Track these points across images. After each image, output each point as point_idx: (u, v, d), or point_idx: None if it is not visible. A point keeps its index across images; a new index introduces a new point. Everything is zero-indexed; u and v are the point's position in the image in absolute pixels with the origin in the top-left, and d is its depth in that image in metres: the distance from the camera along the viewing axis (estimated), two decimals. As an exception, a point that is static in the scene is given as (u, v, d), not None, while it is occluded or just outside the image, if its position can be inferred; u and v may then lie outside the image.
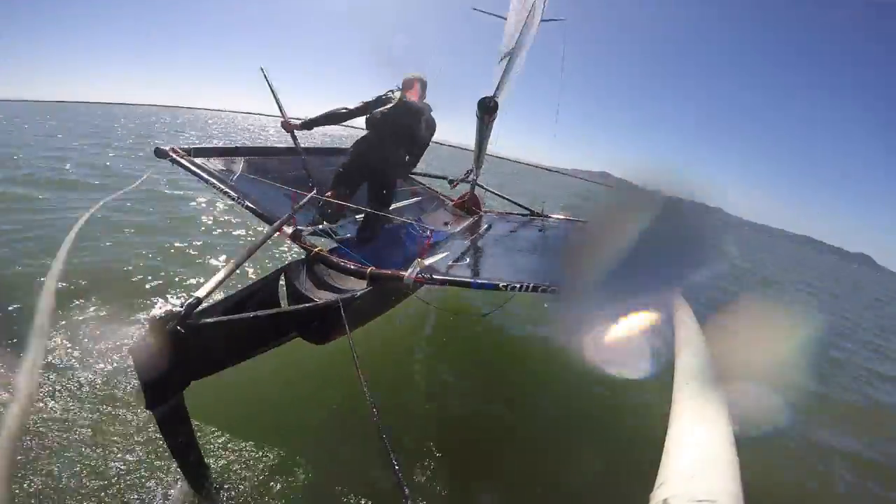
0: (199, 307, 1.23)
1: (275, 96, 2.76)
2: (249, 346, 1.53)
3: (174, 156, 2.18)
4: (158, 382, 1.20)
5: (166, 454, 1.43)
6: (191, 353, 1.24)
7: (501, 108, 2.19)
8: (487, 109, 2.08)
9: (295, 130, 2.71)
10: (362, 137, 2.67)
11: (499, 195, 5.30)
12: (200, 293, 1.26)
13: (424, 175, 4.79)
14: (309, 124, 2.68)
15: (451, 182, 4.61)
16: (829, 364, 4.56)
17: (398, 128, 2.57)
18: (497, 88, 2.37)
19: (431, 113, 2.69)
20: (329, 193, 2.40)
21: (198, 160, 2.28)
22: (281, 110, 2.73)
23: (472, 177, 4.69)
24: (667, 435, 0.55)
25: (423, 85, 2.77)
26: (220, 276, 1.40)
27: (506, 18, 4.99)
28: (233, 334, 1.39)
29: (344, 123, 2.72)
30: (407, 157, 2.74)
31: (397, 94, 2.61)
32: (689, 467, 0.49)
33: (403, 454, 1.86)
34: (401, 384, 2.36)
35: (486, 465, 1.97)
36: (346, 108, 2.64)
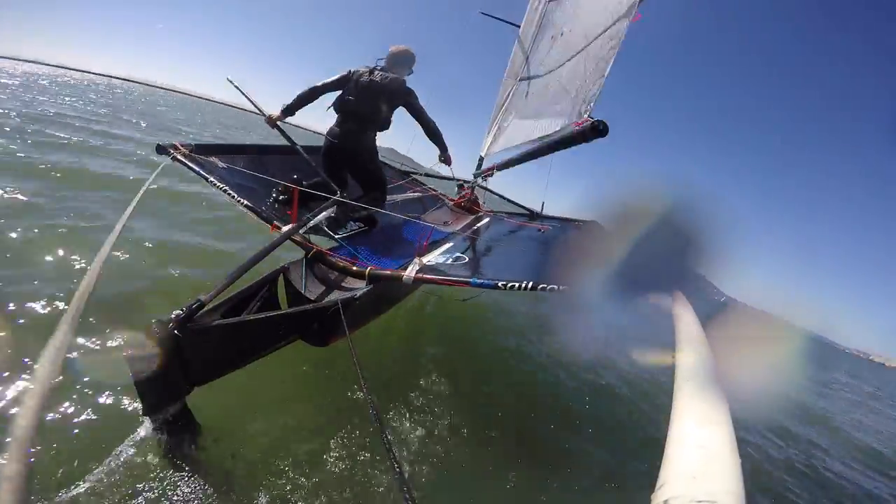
0: (201, 311, 1.22)
1: (251, 101, 2.83)
2: (250, 349, 1.52)
3: (175, 153, 2.19)
4: (157, 389, 1.19)
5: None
6: (192, 358, 1.23)
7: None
8: (598, 133, 2.02)
9: (279, 123, 2.70)
10: (328, 130, 2.68)
11: (499, 195, 5.32)
12: (203, 297, 1.24)
13: (436, 176, 4.84)
14: (289, 110, 2.66)
15: (459, 185, 4.66)
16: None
17: (361, 110, 2.55)
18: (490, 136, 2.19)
19: (402, 82, 2.63)
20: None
21: (199, 157, 2.29)
22: (260, 110, 2.77)
23: (472, 177, 4.73)
24: (667, 435, 0.55)
25: (407, 56, 2.71)
26: (224, 280, 1.38)
27: (518, 25, 4.99)
28: (233, 338, 1.38)
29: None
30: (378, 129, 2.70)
31: (378, 67, 2.61)
32: (691, 468, 0.48)
33: (404, 453, 1.85)
34: (400, 382, 2.35)
35: (486, 465, 1.96)
36: (322, 83, 2.61)
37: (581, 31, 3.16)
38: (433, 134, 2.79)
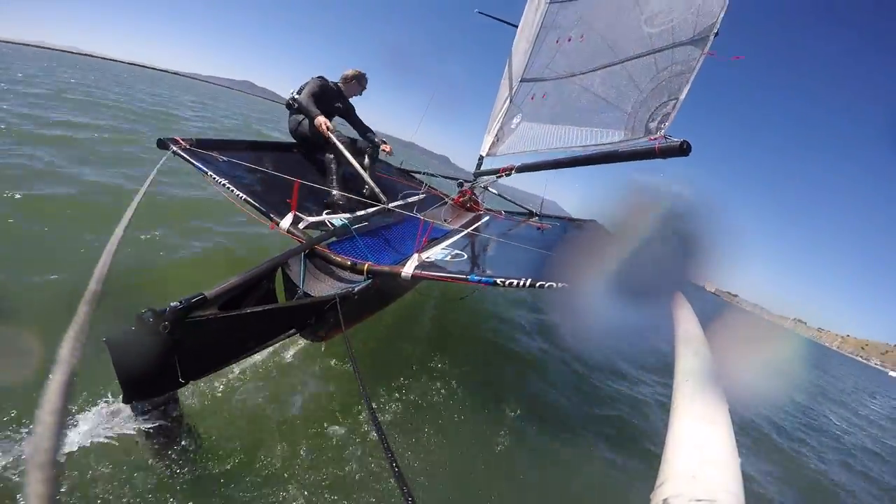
0: (199, 305, 1.19)
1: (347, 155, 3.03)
2: (245, 343, 1.50)
3: (176, 148, 2.18)
4: (143, 379, 1.16)
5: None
6: (187, 352, 1.21)
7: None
8: (682, 153, 2.08)
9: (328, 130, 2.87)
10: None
11: (499, 195, 5.32)
12: (207, 293, 1.22)
13: (440, 176, 4.85)
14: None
15: (460, 185, 4.67)
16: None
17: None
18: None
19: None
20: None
21: (199, 151, 2.28)
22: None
23: (473, 176, 4.72)
24: (667, 434, 0.54)
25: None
26: (231, 280, 1.36)
27: (515, 26, 4.96)
28: (230, 332, 1.36)
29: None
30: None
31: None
32: (690, 467, 0.48)
33: (400, 449, 1.85)
34: (400, 380, 2.35)
35: (486, 464, 1.96)
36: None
37: (601, 40, 3.17)
38: None
